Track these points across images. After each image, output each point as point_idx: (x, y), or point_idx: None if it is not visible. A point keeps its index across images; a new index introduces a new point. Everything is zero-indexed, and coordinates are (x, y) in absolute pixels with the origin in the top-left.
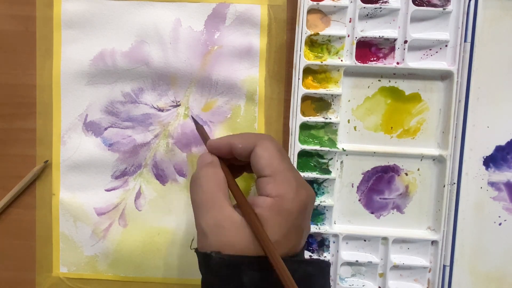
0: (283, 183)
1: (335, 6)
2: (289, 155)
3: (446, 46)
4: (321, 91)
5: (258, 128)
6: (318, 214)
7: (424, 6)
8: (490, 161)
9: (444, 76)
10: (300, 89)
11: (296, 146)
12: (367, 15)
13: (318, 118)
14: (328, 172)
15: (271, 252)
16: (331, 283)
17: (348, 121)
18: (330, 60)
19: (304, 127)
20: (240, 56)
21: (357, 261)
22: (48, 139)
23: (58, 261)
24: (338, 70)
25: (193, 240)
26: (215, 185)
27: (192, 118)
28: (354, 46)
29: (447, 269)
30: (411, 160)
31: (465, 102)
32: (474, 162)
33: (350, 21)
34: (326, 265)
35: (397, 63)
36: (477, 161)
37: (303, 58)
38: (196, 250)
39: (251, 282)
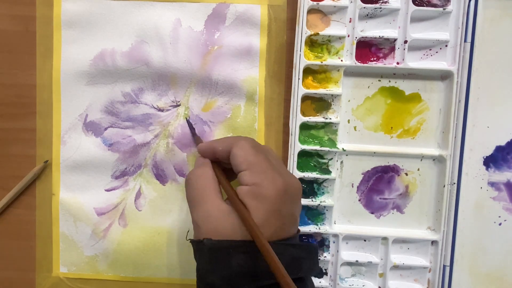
0: (259, 173)
1: (335, 6)
2: (289, 155)
3: (446, 46)
4: (321, 91)
5: (258, 128)
6: (318, 214)
7: (424, 6)
8: (490, 161)
9: (444, 76)
10: (300, 89)
11: (296, 146)
12: (367, 15)
13: (318, 118)
14: (328, 172)
15: (257, 234)
16: (331, 282)
17: (348, 121)
18: (330, 60)
19: (304, 127)
20: (240, 56)
21: (357, 261)
22: (48, 139)
23: (58, 261)
24: (338, 70)
25: (188, 231)
26: (204, 181)
27: (187, 120)
28: (354, 46)
29: (447, 269)
30: (411, 160)
31: (465, 102)
32: (474, 162)
33: (350, 21)
34: (313, 247)
35: (397, 63)
36: (477, 161)
37: (303, 58)
38: (191, 240)
39: (238, 264)
